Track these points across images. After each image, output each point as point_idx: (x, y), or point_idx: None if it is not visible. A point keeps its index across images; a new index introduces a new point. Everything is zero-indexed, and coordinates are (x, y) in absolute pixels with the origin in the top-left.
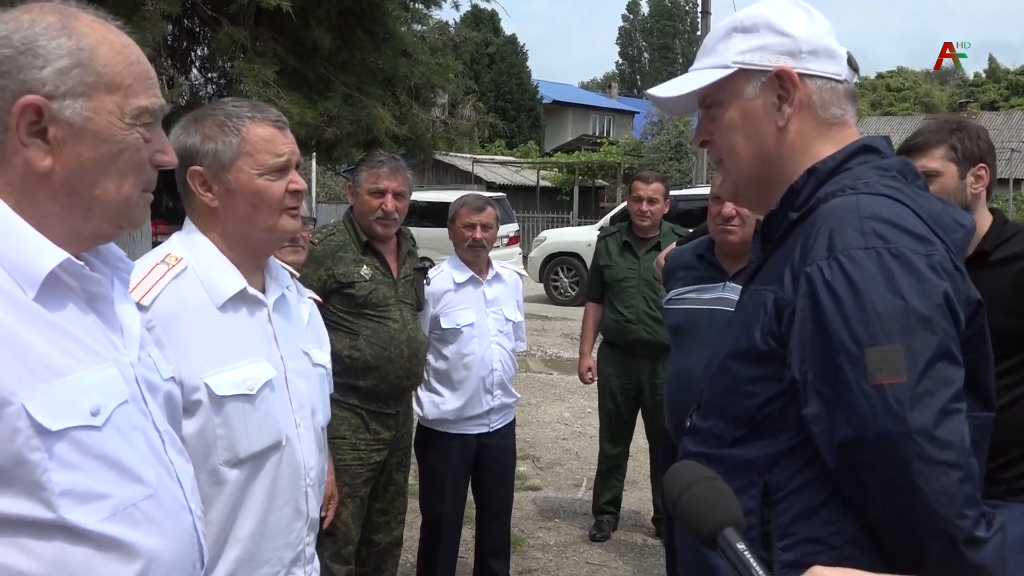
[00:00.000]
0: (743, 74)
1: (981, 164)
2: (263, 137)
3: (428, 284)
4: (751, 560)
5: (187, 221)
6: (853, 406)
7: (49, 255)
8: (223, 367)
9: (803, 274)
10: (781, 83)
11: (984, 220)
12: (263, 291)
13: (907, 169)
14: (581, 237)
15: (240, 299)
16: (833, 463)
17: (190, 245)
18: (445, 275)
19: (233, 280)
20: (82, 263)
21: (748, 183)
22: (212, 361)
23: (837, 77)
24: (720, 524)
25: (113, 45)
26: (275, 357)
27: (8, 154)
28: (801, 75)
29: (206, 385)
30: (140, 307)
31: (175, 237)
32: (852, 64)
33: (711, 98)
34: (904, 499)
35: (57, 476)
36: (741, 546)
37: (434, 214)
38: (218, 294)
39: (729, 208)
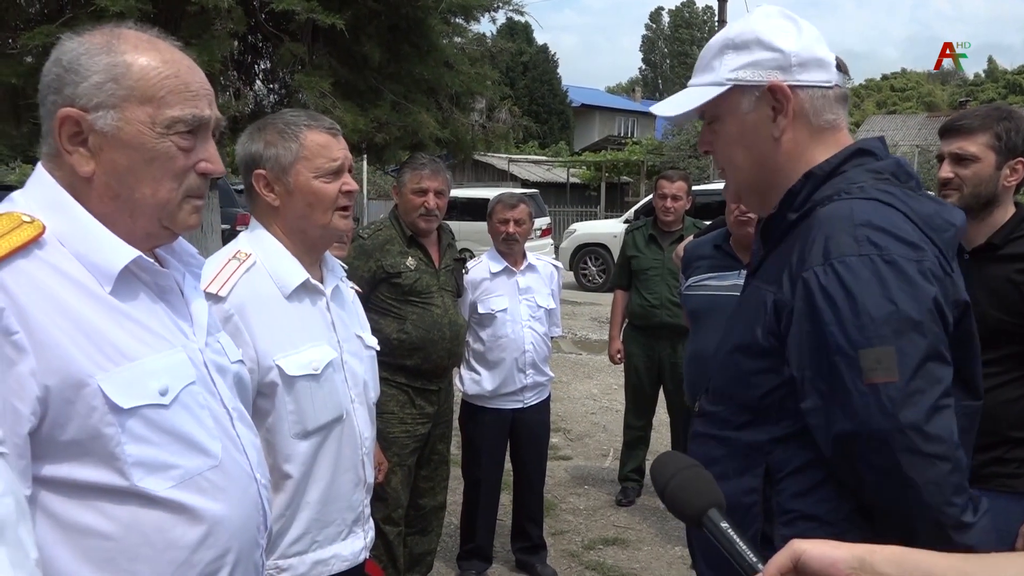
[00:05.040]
0: (738, 90)
1: (1020, 159)
2: (319, 143)
3: (467, 273)
4: (733, 535)
5: (252, 220)
6: (849, 403)
7: (122, 254)
8: (291, 351)
9: (800, 278)
10: (774, 96)
11: (1006, 212)
12: (321, 282)
13: (900, 171)
14: (608, 229)
15: (303, 289)
16: (829, 452)
17: (256, 242)
18: (483, 265)
19: (297, 272)
20: (152, 260)
21: (748, 190)
22: (281, 345)
23: (827, 84)
24: (704, 507)
25: (152, 61)
26: (334, 341)
27: (62, 161)
28: (792, 87)
29: (278, 367)
30: (218, 298)
31: (243, 235)
32: (841, 68)
33: (710, 113)
34: (896, 488)
35: (130, 448)
36: (724, 524)
37: (473, 209)
38: (285, 285)
39: None
